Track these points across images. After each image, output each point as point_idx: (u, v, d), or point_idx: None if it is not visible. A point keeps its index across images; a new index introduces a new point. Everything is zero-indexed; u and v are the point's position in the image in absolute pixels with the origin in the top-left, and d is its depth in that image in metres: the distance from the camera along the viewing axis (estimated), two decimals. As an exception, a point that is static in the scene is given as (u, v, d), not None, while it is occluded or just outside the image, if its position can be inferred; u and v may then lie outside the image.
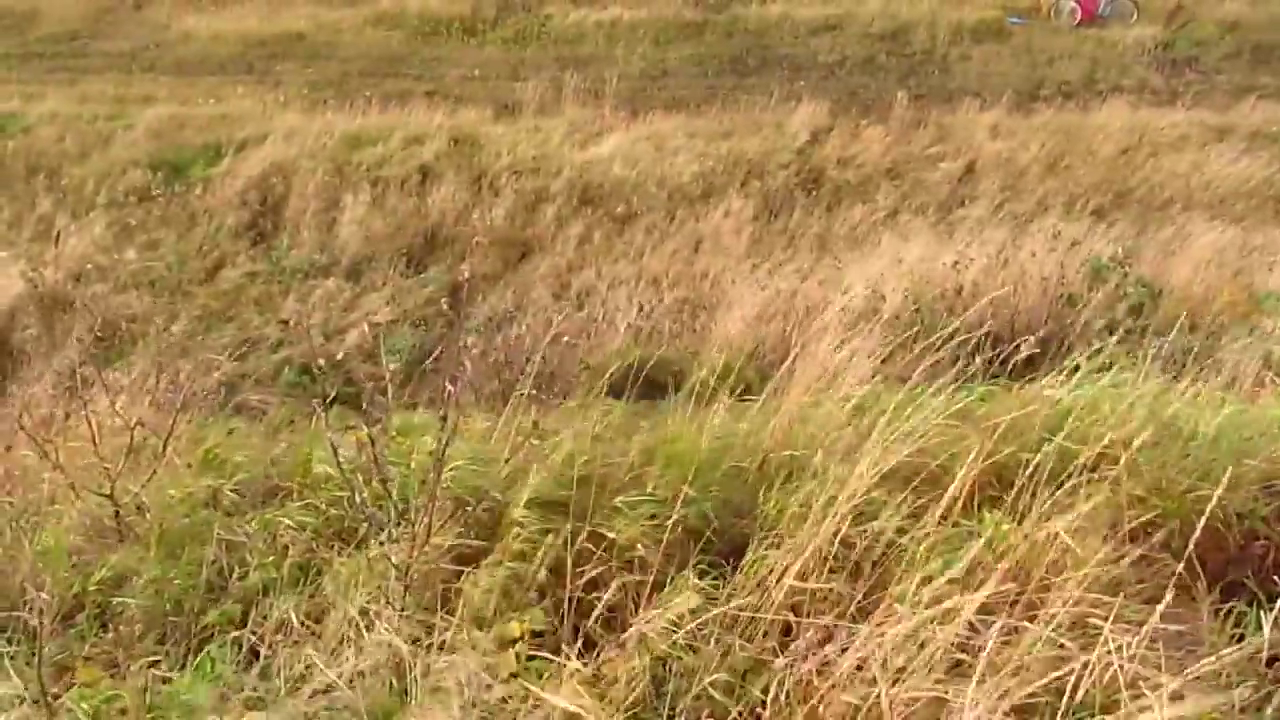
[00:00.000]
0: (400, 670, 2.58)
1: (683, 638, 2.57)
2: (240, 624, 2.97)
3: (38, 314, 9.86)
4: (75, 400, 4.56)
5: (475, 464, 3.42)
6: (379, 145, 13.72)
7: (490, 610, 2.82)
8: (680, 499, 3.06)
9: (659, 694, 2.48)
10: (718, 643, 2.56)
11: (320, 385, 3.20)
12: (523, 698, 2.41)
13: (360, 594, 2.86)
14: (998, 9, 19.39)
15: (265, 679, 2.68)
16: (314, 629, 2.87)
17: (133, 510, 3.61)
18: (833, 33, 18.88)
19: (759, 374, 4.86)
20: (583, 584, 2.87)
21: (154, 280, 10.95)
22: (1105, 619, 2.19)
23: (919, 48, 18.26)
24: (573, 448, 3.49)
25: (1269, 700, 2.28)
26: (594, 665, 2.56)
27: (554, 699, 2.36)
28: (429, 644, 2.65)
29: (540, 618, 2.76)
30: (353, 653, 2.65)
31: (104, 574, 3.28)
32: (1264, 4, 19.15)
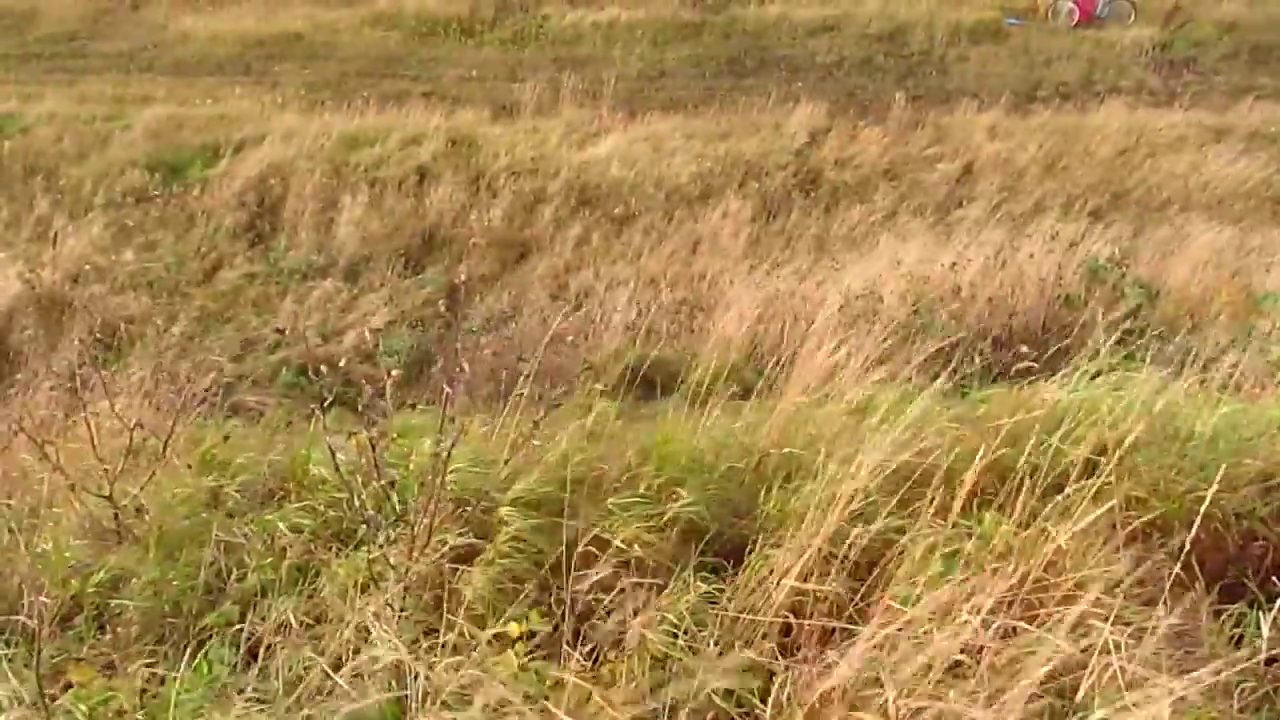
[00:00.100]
0: (399, 672, 2.58)
1: (683, 639, 2.56)
2: (238, 625, 2.96)
3: (36, 315, 9.83)
4: (74, 401, 4.55)
5: (474, 465, 3.42)
6: (376, 146, 13.72)
7: (488, 611, 2.81)
8: (677, 499, 3.06)
9: (659, 696, 2.48)
10: (718, 644, 2.56)
11: (317, 387, 3.19)
12: (522, 699, 2.41)
13: (359, 595, 2.86)
14: (995, 10, 19.43)
15: (263, 680, 2.68)
16: (312, 630, 2.86)
17: (131, 512, 3.60)
18: (830, 34, 18.89)
19: (757, 374, 4.86)
20: (581, 585, 2.87)
21: (152, 281, 10.92)
22: (1105, 620, 2.19)
23: (917, 48, 18.28)
24: (568, 447, 3.49)
25: (1268, 701, 2.28)
26: (594, 667, 2.55)
27: (552, 703, 2.36)
28: (428, 645, 2.64)
29: (539, 619, 2.76)
30: (351, 654, 2.65)
31: (102, 576, 3.27)
32: (1262, 4, 19.19)
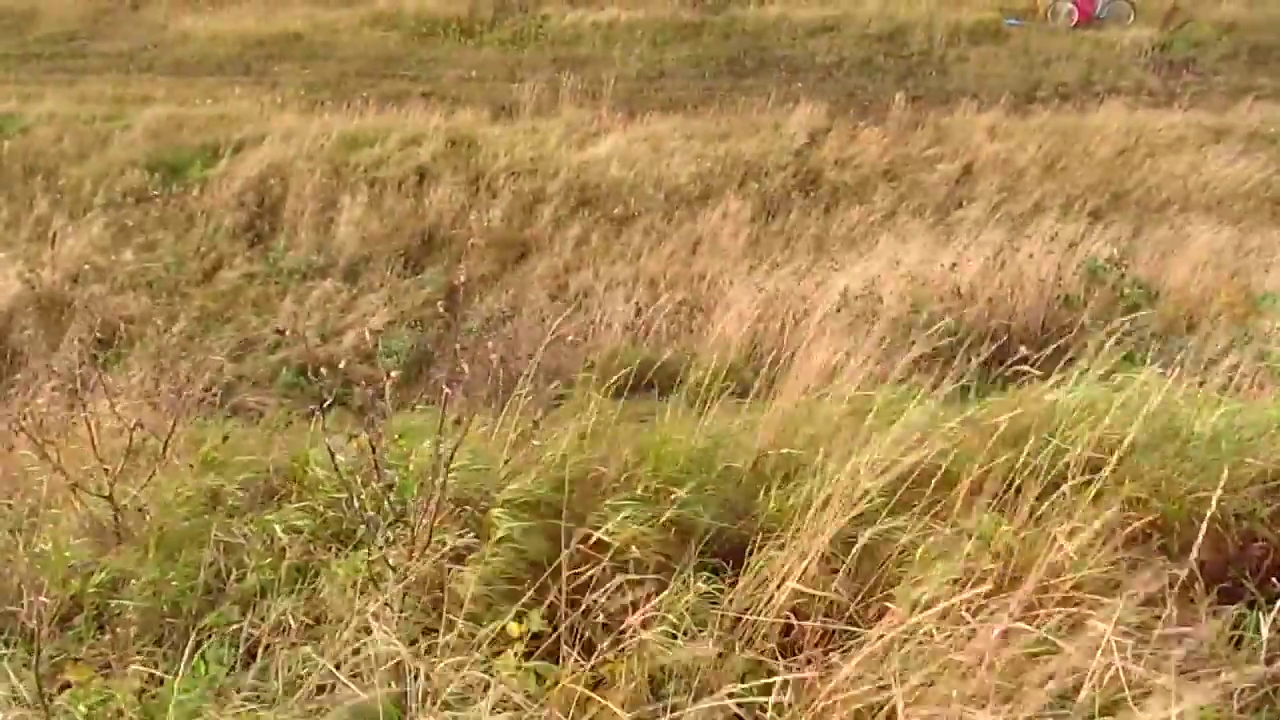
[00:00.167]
0: (399, 672, 2.58)
1: (682, 639, 2.56)
2: (237, 625, 2.96)
3: (35, 315, 9.83)
4: (74, 401, 4.55)
5: (473, 465, 3.42)
6: (376, 146, 13.73)
7: (486, 612, 2.81)
8: (675, 499, 3.06)
9: (658, 697, 2.48)
10: (718, 644, 2.56)
11: (317, 387, 3.19)
12: (522, 699, 2.41)
13: (358, 596, 2.86)
14: (995, 10, 19.44)
15: (263, 680, 2.68)
16: (312, 630, 2.86)
17: (131, 512, 3.60)
18: (830, 34, 18.90)
19: (756, 374, 4.85)
20: (579, 586, 2.86)
21: (152, 281, 10.93)
22: (1104, 621, 2.19)
23: (916, 49, 18.29)
24: (566, 448, 3.49)
25: (1268, 702, 2.28)
26: (593, 667, 2.55)
27: (552, 703, 2.36)
28: (427, 645, 2.64)
29: (538, 620, 2.75)
30: (351, 654, 2.65)
31: (102, 576, 3.27)
32: (1261, 5, 19.21)
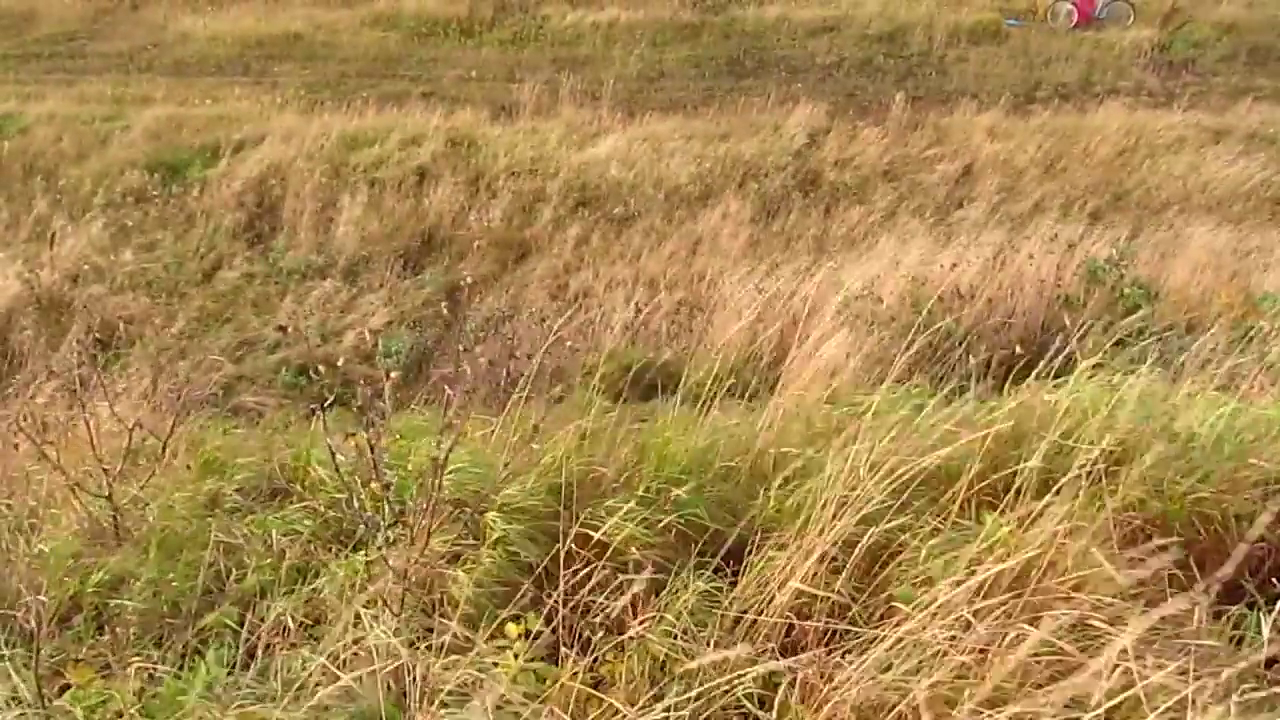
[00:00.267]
0: (398, 672, 2.58)
1: (682, 639, 2.56)
2: (238, 626, 2.96)
3: (35, 315, 9.84)
4: (73, 402, 4.55)
5: (473, 467, 3.42)
6: (376, 146, 13.73)
7: (485, 612, 2.81)
8: (675, 499, 3.06)
9: (658, 697, 2.47)
10: (719, 645, 2.56)
11: (317, 387, 3.19)
12: (522, 699, 2.41)
13: (357, 596, 2.86)
14: (995, 11, 19.45)
15: (262, 681, 2.68)
16: (312, 631, 2.86)
17: (131, 513, 3.60)
18: (830, 34, 18.90)
19: (756, 375, 4.86)
20: (579, 586, 2.86)
21: (151, 281, 10.93)
22: (1105, 622, 2.19)
23: (916, 49, 18.29)
24: (566, 448, 3.49)
25: (1269, 703, 2.28)
26: (593, 667, 2.55)
27: (553, 704, 2.36)
28: (427, 646, 2.64)
29: (535, 620, 2.75)
30: (350, 655, 2.65)
31: (101, 576, 3.27)
32: (1260, 6, 19.22)
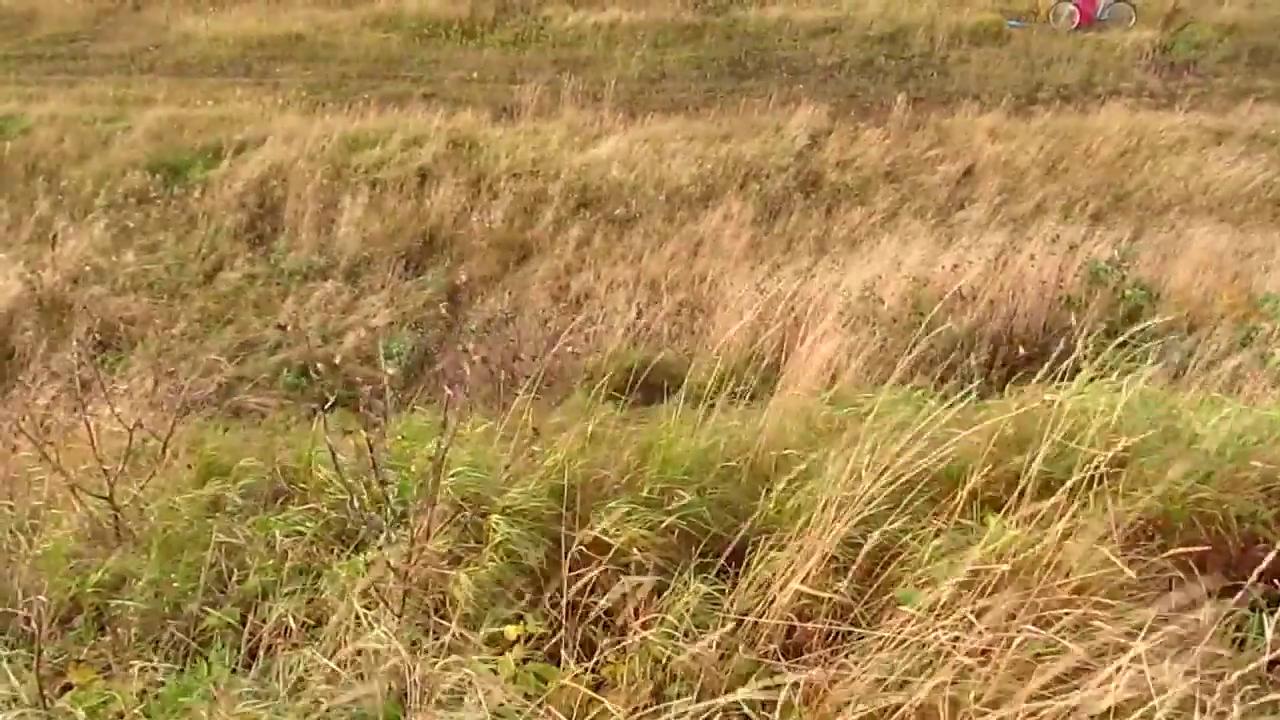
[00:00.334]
0: (399, 673, 2.57)
1: (684, 641, 2.56)
2: (239, 627, 2.96)
3: (36, 316, 9.84)
4: (74, 403, 4.55)
5: (475, 468, 3.41)
6: (377, 147, 13.72)
7: (483, 614, 2.81)
8: (677, 501, 3.05)
9: (660, 699, 2.47)
10: (720, 646, 2.55)
11: (316, 388, 3.19)
12: (522, 700, 2.41)
13: (359, 597, 2.85)
14: (996, 12, 19.45)
15: (264, 682, 2.67)
16: (313, 632, 2.86)
17: (132, 513, 3.60)
18: (832, 35, 18.90)
19: (757, 376, 4.85)
20: (580, 588, 2.86)
21: (153, 282, 10.92)
22: (1108, 622, 2.18)
23: (918, 50, 18.29)
24: (568, 450, 3.49)
25: (1271, 705, 2.27)
26: (594, 669, 2.55)
27: (553, 705, 2.35)
28: (428, 647, 2.64)
29: (534, 622, 2.75)
30: (351, 656, 2.65)
31: (102, 577, 3.27)
32: (1262, 7, 19.21)
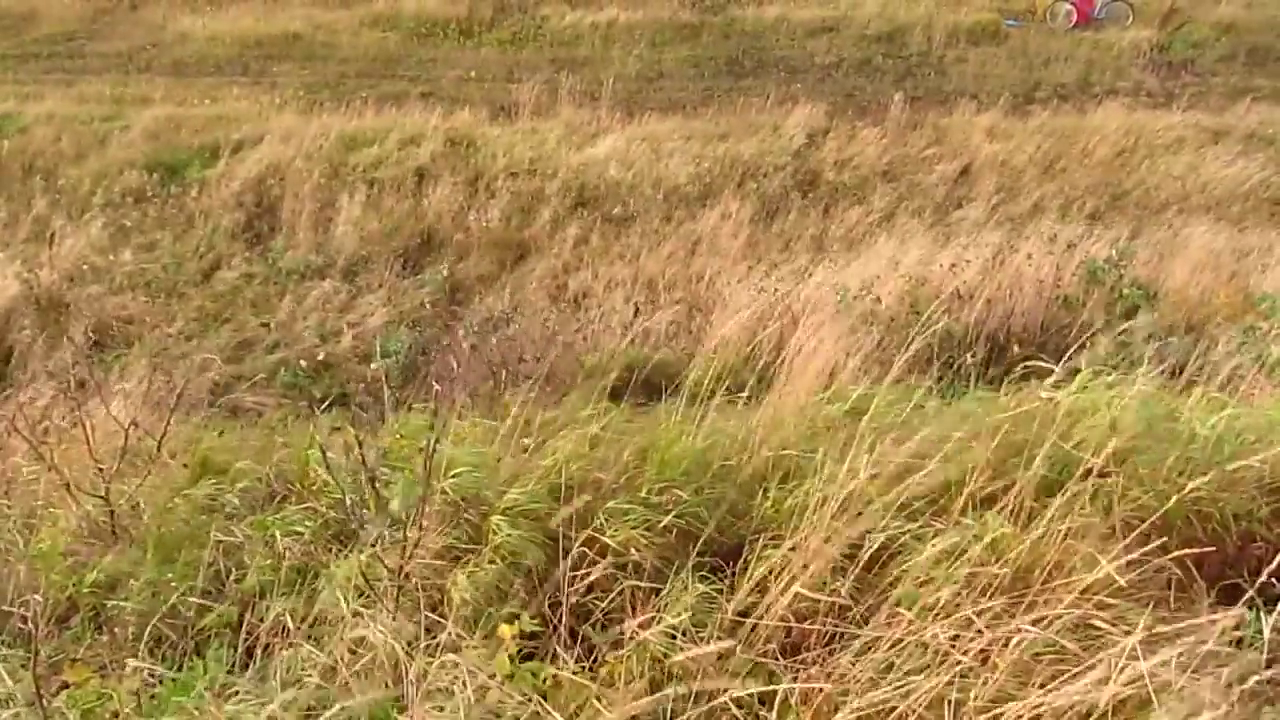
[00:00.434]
0: (397, 672, 2.57)
1: (682, 641, 2.55)
2: (237, 626, 2.96)
3: (33, 315, 9.82)
4: (70, 402, 4.55)
5: (476, 469, 3.41)
6: (375, 146, 13.72)
7: (481, 613, 2.80)
8: (675, 501, 3.05)
9: (658, 698, 2.46)
10: (718, 645, 2.55)
11: (310, 387, 3.19)
12: (520, 701, 2.40)
13: (356, 597, 2.85)
14: (994, 11, 19.45)
15: (261, 681, 2.67)
16: (311, 631, 2.85)
17: (127, 512, 3.59)
18: (829, 35, 18.90)
19: (755, 375, 4.85)
20: (579, 587, 2.86)
21: (150, 281, 10.91)
22: (1106, 622, 2.18)
23: (915, 50, 18.29)
24: (566, 451, 3.48)
25: (1269, 703, 2.27)
26: (593, 667, 2.55)
27: (551, 704, 2.35)
28: (425, 645, 2.63)
29: (530, 621, 2.74)
30: (349, 654, 2.64)
31: (99, 576, 3.27)
32: (1260, 6, 19.23)
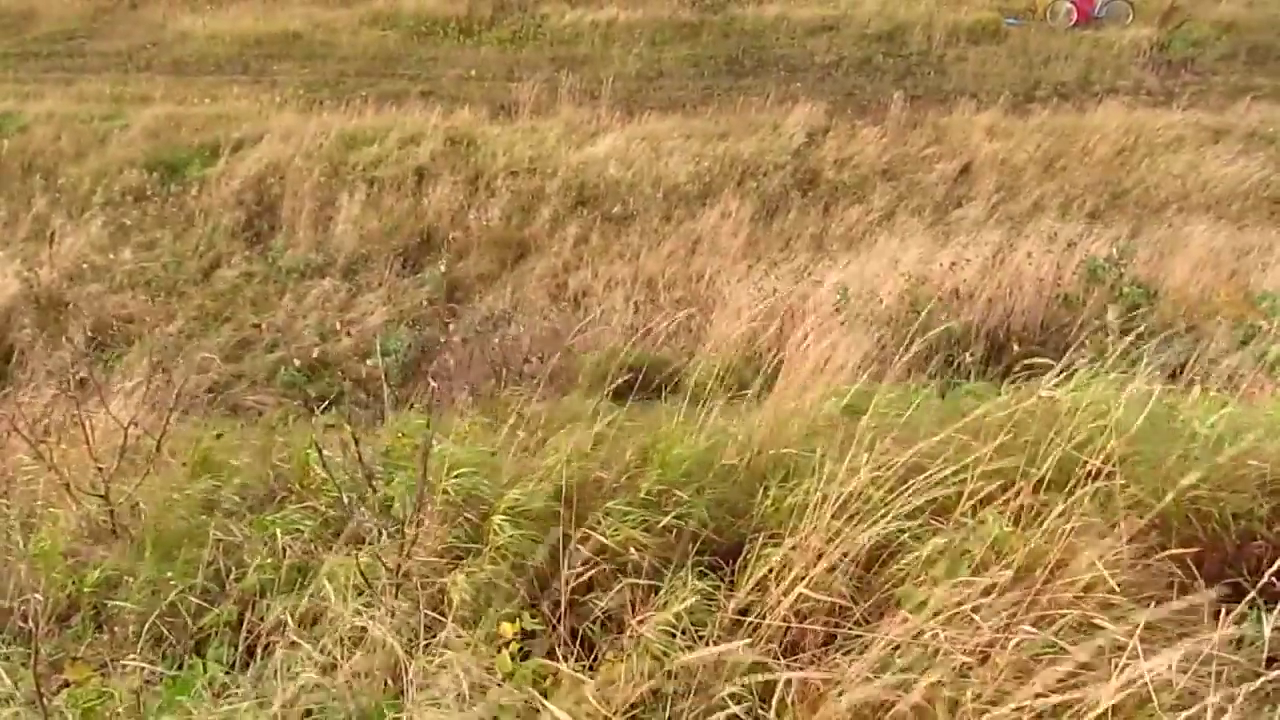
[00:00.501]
0: (396, 671, 2.57)
1: (682, 640, 2.55)
2: (236, 625, 2.96)
3: (33, 314, 9.83)
4: (70, 401, 4.55)
5: (475, 468, 3.41)
6: (375, 145, 13.72)
7: (480, 612, 2.80)
8: (675, 501, 3.05)
9: (658, 697, 2.47)
10: (718, 645, 2.55)
11: (308, 386, 3.19)
12: (520, 701, 2.40)
13: (355, 596, 2.85)
14: (994, 10, 19.44)
15: (261, 680, 2.67)
16: (310, 630, 2.85)
17: (127, 511, 3.59)
18: (829, 33, 18.89)
19: (755, 374, 4.85)
20: (579, 587, 2.86)
21: (150, 280, 10.92)
22: (1107, 620, 2.18)
23: (915, 48, 18.29)
24: (567, 451, 3.48)
25: (1269, 701, 2.27)
26: (593, 667, 2.55)
27: (551, 703, 2.35)
28: (424, 644, 2.64)
29: (530, 619, 2.74)
30: (348, 653, 2.64)
31: (99, 575, 3.27)
32: (1260, 5, 19.21)
